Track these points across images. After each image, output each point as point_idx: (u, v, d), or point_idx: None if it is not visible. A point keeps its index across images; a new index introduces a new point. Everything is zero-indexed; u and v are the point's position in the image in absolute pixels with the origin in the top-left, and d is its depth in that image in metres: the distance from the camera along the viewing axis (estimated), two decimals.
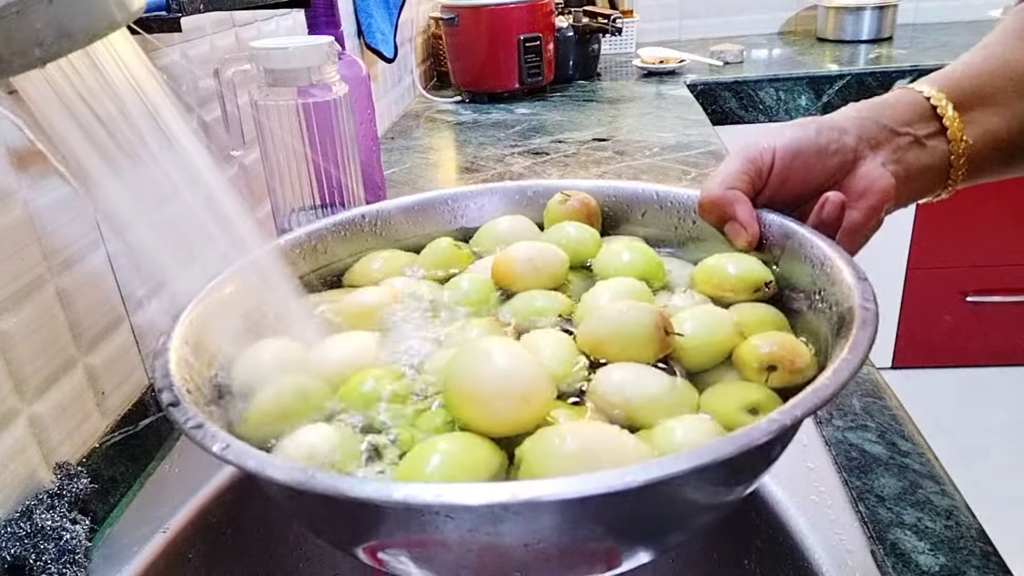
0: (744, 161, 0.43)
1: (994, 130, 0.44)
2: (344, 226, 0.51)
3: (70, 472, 0.48)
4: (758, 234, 0.43)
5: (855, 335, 0.31)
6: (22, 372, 0.46)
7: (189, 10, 0.50)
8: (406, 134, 1.40)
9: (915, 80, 0.46)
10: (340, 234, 0.50)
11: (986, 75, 0.45)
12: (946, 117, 0.43)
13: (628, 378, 0.35)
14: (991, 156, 0.45)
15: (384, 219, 0.52)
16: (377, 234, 0.52)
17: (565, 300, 0.43)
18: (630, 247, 0.45)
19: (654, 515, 0.29)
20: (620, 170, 1.09)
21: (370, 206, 0.52)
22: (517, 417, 0.32)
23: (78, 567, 0.42)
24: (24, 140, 0.47)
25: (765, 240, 0.43)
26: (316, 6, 0.73)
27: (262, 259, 0.42)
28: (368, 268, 0.49)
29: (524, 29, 1.51)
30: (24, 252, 0.47)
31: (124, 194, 0.34)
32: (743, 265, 0.42)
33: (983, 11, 2.01)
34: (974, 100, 0.44)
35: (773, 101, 1.64)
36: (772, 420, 0.27)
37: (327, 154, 0.70)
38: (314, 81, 0.67)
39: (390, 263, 0.49)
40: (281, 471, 0.27)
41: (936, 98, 0.44)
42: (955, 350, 1.79)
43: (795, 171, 0.43)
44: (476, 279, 0.45)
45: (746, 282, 0.41)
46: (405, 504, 0.25)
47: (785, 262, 0.42)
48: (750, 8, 2.14)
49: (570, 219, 0.49)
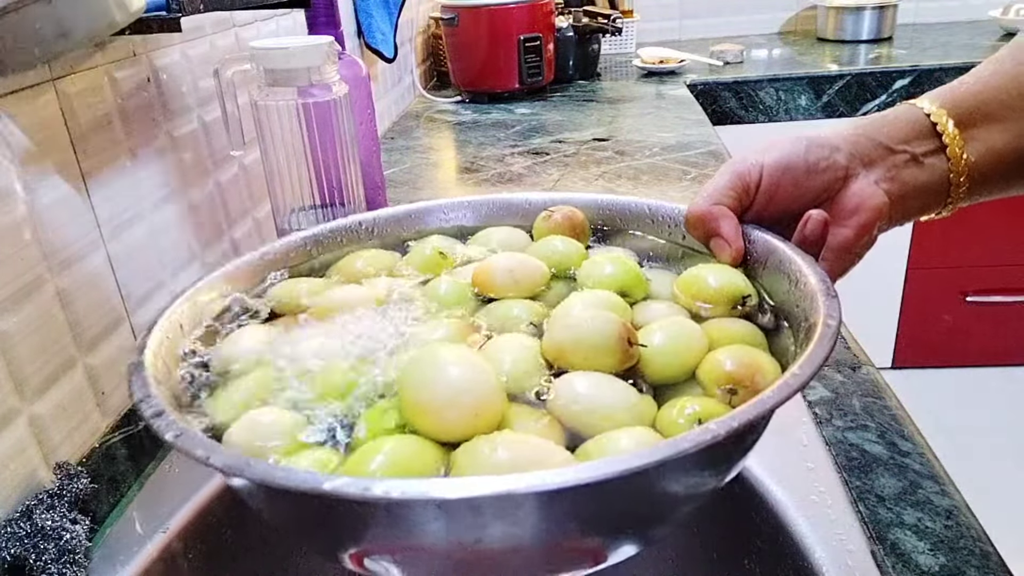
0: (732, 176, 0.43)
1: (998, 148, 0.43)
2: (338, 231, 0.51)
3: (70, 472, 0.48)
4: (742, 250, 0.42)
5: (810, 350, 0.31)
6: (22, 372, 0.46)
7: (189, 10, 0.50)
8: (406, 134, 1.40)
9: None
10: (335, 239, 0.51)
11: (992, 90, 0.44)
12: (946, 134, 0.43)
13: (587, 387, 0.35)
14: (993, 174, 0.44)
15: (379, 225, 0.53)
16: (370, 235, 0.52)
17: (541, 310, 0.43)
18: (612, 259, 0.45)
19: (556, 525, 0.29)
20: (620, 170, 1.09)
21: (364, 214, 0.53)
22: (466, 429, 0.32)
23: (78, 567, 0.42)
24: (24, 140, 0.47)
25: (749, 256, 0.43)
26: (316, 6, 0.73)
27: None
28: (352, 265, 0.49)
29: (524, 29, 1.51)
30: (24, 252, 0.47)
31: None
32: (723, 277, 0.42)
33: (983, 11, 2.01)
34: (977, 116, 0.43)
35: (773, 101, 1.64)
36: (686, 437, 0.26)
37: (327, 154, 0.70)
38: (314, 81, 0.67)
39: (373, 262, 0.49)
40: (221, 459, 0.27)
41: (936, 114, 0.43)
42: (955, 350, 1.79)
43: (783, 188, 0.42)
44: (454, 282, 0.45)
45: (725, 295, 0.41)
46: (334, 495, 0.25)
47: (767, 278, 0.42)
48: (750, 8, 2.15)
49: (555, 233, 0.49)
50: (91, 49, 0.55)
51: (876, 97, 1.61)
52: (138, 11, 0.43)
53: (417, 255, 0.49)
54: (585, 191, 0.52)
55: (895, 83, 1.59)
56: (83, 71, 0.54)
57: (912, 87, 1.58)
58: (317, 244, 0.50)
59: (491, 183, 1.08)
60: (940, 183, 0.43)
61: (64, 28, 0.29)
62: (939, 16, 2.09)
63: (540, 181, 1.06)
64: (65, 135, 0.52)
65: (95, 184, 0.55)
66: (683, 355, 0.37)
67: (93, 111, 0.55)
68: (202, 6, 0.52)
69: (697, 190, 0.45)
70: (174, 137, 0.66)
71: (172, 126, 0.66)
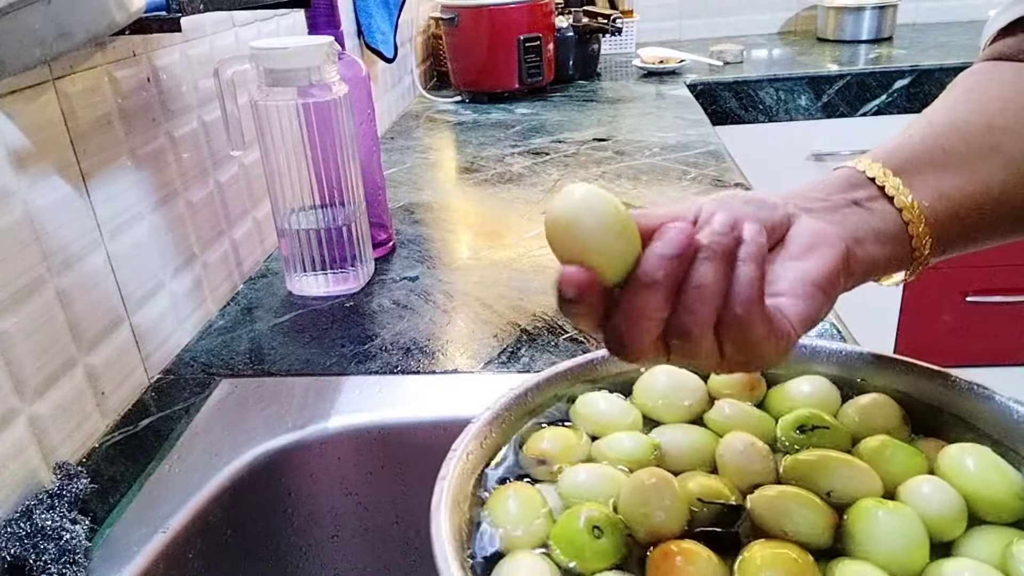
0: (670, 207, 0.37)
1: (953, 194, 0.40)
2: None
3: (70, 472, 0.48)
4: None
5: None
6: (22, 372, 0.46)
7: (189, 10, 0.50)
8: (406, 134, 1.40)
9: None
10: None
11: (931, 139, 0.41)
12: (878, 178, 0.39)
13: None
14: (958, 221, 0.41)
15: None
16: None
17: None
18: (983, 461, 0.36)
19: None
20: (620, 170, 1.09)
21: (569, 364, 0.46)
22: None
23: (78, 567, 0.42)
24: (24, 140, 0.47)
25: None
26: (316, 6, 0.73)
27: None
28: (538, 444, 0.42)
29: (524, 29, 1.51)
30: (24, 252, 0.47)
31: None
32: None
33: (983, 11, 2.01)
34: (919, 164, 0.40)
35: (773, 101, 1.64)
36: None
37: (327, 154, 0.70)
38: (314, 81, 0.67)
39: (563, 444, 0.42)
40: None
41: (867, 166, 0.40)
42: (955, 350, 1.79)
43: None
44: (640, 439, 0.41)
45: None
46: None
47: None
48: (750, 8, 2.14)
49: (729, 387, 0.45)
50: (91, 49, 0.55)
51: (876, 97, 1.61)
52: (138, 11, 0.43)
53: (615, 445, 0.42)
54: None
55: (895, 83, 1.59)
56: (83, 71, 0.54)
57: (912, 87, 1.58)
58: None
59: (491, 183, 1.08)
60: (897, 230, 0.39)
61: (64, 28, 0.29)
62: (939, 16, 2.09)
63: (540, 181, 1.06)
64: (65, 135, 0.52)
65: (95, 184, 0.55)
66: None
67: (93, 111, 0.55)
68: (202, 6, 0.52)
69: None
70: (174, 137, 0.66)
71: (172, 126, 0.66)
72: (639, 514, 0.36)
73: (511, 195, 1.02)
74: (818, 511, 0.35)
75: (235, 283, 0.77)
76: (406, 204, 1.01)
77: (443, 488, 0.35)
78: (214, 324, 0.70)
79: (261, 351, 0.65)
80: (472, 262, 0.81)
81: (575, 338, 0.64)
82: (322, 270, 0.73)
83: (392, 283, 0.77)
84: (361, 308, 0.72)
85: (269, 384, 0.61)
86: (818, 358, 0.46)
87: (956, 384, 0.41)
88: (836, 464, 0.37)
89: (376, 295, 0.74)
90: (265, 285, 0.78)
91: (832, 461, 0.38)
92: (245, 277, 0.79)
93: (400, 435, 0.56)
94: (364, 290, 0.75)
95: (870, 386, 0.44)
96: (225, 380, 0.61)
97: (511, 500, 0.37)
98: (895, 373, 0.44)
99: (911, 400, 0.42)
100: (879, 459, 0.38)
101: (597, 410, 0.44)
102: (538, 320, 0.67)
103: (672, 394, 0.44)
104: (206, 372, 0.63)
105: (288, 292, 0.75)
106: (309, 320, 0.70)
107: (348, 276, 0.74)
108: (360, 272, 0.75)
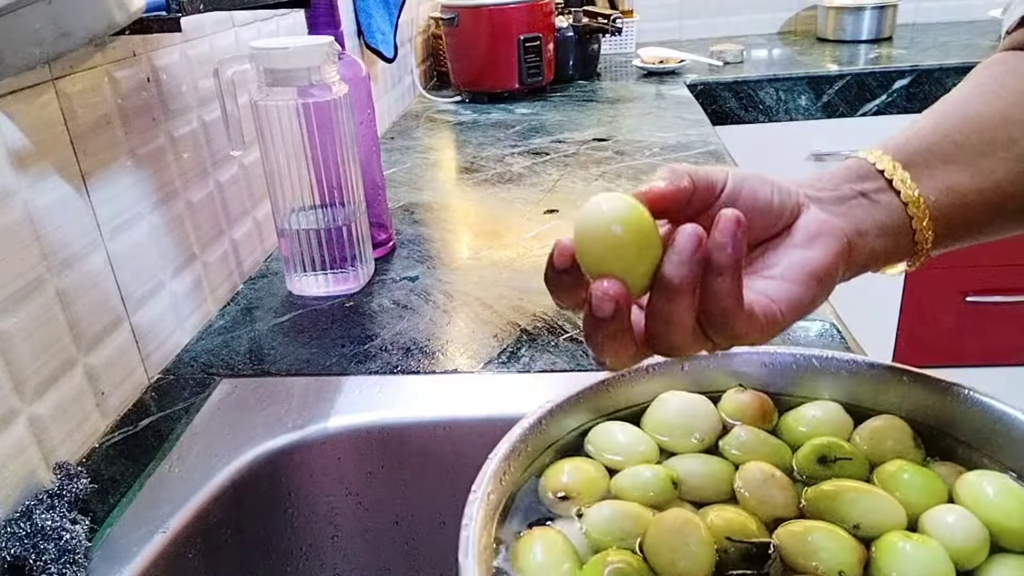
0: (697, 169, 0.38)
1: (960, 188, 0.40)
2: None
3: (70, 472, 0.48)
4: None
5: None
6: (22, 372, 0.46)
7: (189, 10, 0.50)
8: (406, 134, 1.40)
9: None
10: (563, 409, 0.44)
11: (941, 132, 0.41)
12: (887, 171, 0.40)
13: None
14: (964, 215, 0.41)
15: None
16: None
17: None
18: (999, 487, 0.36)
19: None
20: (620, 170, 1.09)
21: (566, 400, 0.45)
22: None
23: (78, 567, 0.42)
24: (24, 140, 0.47)
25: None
26: (316, 6, 0.73)
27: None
28: (558, 478, 0.41)
29: (524, 29, 1.51)
30: (24, 252, 0.47)
31: None
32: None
33: (983, 11, 2.01)
34: (929, 157, 0.41)
35: (773, 101, 1.64)
36: None
37: (327, 154, 0.70)
38: (314, 81, 0.67)
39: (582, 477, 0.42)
40: None
41: (877, 158, 0.40)
42: (955, 350, 1.79)
43: (744, 198, 0.38)
44: (658, 471, 0.40)
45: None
46: None
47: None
48: (750, 8, 2.14)
49: (743, 413, 0.44)
50: (91, 49, 0.55)
51: (876, 97, 1.61)
52: (138, 11, 0.43)
53: (632, 478, 0.41)
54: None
55: (895, 83, 1.59)
56: (83, 71, 0.54)
57: (912, 87, 1.58)
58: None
59: (491, 183, 1.08)
60: (900, 223, 0.40)
61: (64, 28, 0.29)
62: (939, 16, 2.09)
63: (540, 181, 1.06)
64: (65, 135, 0.52)
65: (95, 184, 0.55)
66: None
67: (93, 111, 0.55)
68: (202, 6, 0.52)
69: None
70: (174, 137, 0.66)
71: (172, 126, 0.66)
72: (666, 561, 0.35)
73: (511, 195, 1.02)
74: (847, 546, 0.35)
75: (235, 283, 0.77)
76: (406, 204, 1.01)
77: (468, 536, 0.35)
78: (214, 324, 0.70)
79: (261, 351, 0.65)
80: (472, 262, 0.81)
81: (575, 338, 0.64)
82: (322, 270, 0.73)
83: (392, 283, 0.77)
84: (361, 308, 0.72)
85: (269, 384, 0.61)
86: (827, 369, 0.46)
87: (966, 398, 0.42)
88: (860, 495, 0.37)
89: (376, 295, 0.74)
90: (265, 285, 0.78)
91: (856, 492, 0.37)
92: (245, 277, 0.79)
93: (400, 435, 0.56)
94: (364, 290, 0.75)
95: (881, 407, 0.44)
96: (225, 380, 0.61)
97: (536, 547, 0.37)
98: (904, 386, 0.45)
99: (922, 420, 0.43)
100: (898, 484, 0.38)
101: (614, 441, 0.43)
102: (538, 320, 0.67)
103: (685, 423, 0.43)
104: (206, 372, 0.63)
105: (288, 292, 0.75)
106: (309, 320, 0.70)
107: (348, 276, 0.75)
108: (360, 272, 0.75)
